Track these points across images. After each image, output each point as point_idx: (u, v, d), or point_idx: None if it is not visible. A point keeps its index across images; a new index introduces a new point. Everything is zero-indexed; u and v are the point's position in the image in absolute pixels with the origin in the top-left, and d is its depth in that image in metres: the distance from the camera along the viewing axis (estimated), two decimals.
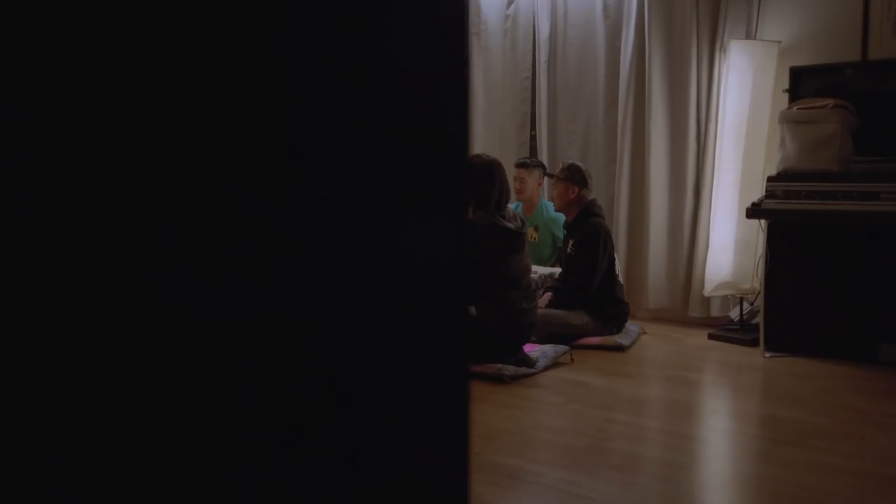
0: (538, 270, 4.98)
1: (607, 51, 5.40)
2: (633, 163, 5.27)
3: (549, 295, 4.67)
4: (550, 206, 5.07)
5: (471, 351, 3.94)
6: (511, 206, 5.36)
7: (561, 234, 4.99)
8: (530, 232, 5.24)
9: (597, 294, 4.52)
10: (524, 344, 4.13)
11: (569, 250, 4.63)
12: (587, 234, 4.52)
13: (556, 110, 5.70)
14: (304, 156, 0.60)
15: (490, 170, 3.95)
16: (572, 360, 4.15)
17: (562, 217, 4.86)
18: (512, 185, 5.88)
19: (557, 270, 4.90)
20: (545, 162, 5.58)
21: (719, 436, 3.13)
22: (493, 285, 3.94)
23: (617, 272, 4.65)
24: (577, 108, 5.60)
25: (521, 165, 5.21)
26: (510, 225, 3.98)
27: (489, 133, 6.09)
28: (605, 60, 5.41)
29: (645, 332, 4.81)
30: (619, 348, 4.39)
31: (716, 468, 2.82)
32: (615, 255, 4.68)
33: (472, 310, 4.03)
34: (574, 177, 4.59)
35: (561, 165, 4.74)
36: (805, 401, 3.45)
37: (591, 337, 4.47)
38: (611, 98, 5.41)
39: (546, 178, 5.23)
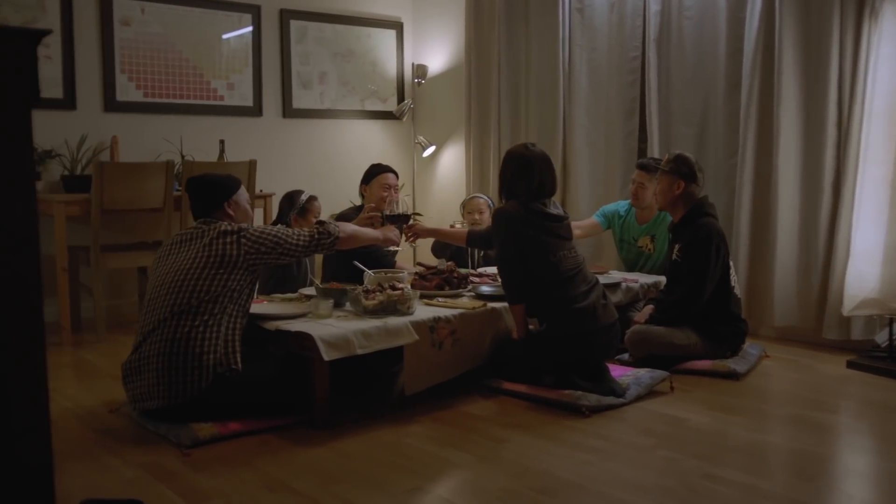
0: (639, 279, 4.28)
1: (729, 22, 4.64)
2: (759, 154, 4.49)
3: (650, 308, 3.96)
4: None
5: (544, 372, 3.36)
6: (619, 206, 4.67)
7: None
8: (644, 241, 4.53)
9: (707, 308, 3.78)
10: (607, 356, 3.47)
11: (674, 256, 3.90)
12: (696, 237, 3.78)
13: (668, 94, 4.98)
14: None
15: (526, 162, 3.49)
16: (672, 388, 3.44)
17: None
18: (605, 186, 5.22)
19: (662, 279, 4.17)
20: (655, 153, 4.85)
21: None
22: (547, 282, 3.37)
23: (733, 283, 3.88)
24: (692, 91, 4.85)
25: (642, 168, 4.47)
26: (550, 210, 3.47)
27: (592, 122, 5.41)
28: (727, 34, 4.66)
29: (767, 356, 4.03)
30: (733, 375, 3.63)
31: None
32: (730, 263, 3.91)
33: (534, 323, 3.42)
34: (680, 169, 3.86)
35: (666, 156, 4.00)
36: None
37: (698, 360, 3.75)
38: (733, 79, 4.65)
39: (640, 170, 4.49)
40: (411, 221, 3.98)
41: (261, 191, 5.28)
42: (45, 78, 4.95)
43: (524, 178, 3.46)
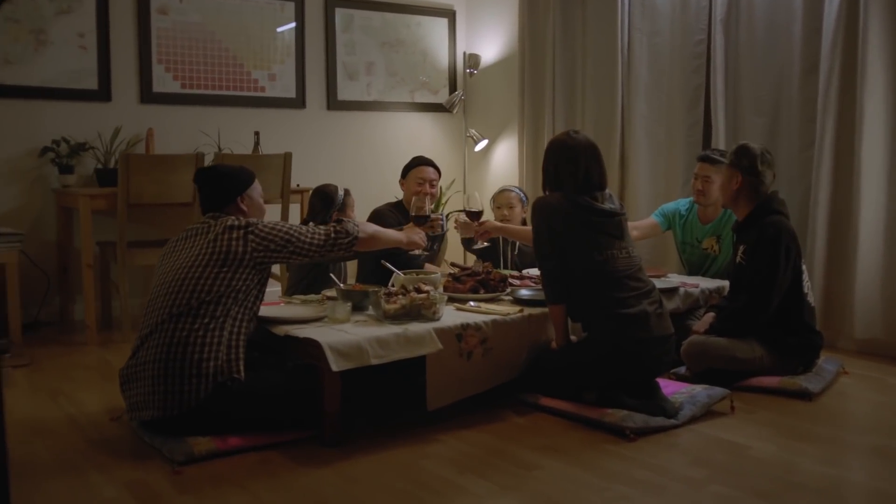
0: (700, 283, 3.87)
1: None
2: (838, 146, 4.04)
3: (710, 316, 3.55)
4: None
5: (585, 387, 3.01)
6: (679, 204, 4.25)
7: None
8: (709, 242, 4.11)
9: (776, 318, 3.36)
10: (658, 372, 3.10)
11: (738, 258, 3.49)
12: (763, 238, 3.36)
13: (736, 81, 4.56)
14: None
15: (569, 150, 3.15)
16: (733, 409, 3.04)
17: None
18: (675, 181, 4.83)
19: (726, 284, 3.76)
20: (721, 146, 4.42)
21: None
22: (591, 283, 3.01)
23: (805, 290, 3.44)
24: (763, 77, 4.41)
25: (705, 160, 4.03)
26: (599, 205, 3.10)
27: (653, 113, 5.02)
28: (803, 11, 4.23)
29: (845, 373, 3.58)
30: (805, 395, 3.21)
31: None
32: (803, 267, 3.47)
33: (576, 331, 3.06)
34: (739, 161, 3.45)
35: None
36: None
37: (764, 376, 3.33)
38: (809, 62, 4.21)
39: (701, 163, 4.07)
40: (482, 219, 3.81)
41: (297, 185, 5.03)
42: (80, 69, 4.81)
43: (568, 168, 3.12)
